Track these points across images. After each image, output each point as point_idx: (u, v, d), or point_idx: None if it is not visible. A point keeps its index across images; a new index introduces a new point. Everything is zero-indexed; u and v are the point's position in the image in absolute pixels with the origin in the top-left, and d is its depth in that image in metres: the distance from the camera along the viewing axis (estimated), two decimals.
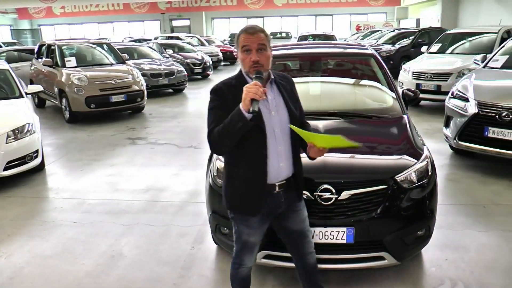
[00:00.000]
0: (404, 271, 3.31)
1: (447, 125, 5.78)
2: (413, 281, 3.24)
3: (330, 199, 2.80)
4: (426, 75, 8.91)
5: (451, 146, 5.95)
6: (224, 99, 2.23)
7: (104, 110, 8.78)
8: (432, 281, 3.23)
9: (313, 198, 2.82)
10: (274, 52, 4.77)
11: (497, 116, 4.98)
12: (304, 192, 2.82)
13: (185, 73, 12.56)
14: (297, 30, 30.73)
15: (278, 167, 2.28)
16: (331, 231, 2.83)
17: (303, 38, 20.29)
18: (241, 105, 2.05)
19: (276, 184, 2.30)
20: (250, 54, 2.17)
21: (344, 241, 2.85)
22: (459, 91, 5.66)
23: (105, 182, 5.43)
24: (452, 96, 5.77)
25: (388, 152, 3.24)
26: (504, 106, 4.97)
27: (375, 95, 4.17)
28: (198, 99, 11.92)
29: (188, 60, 14.95)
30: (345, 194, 2.81)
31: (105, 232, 4.12)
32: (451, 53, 9.95)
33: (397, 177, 2.92)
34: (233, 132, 2.11)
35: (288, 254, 2.92)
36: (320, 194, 2.80)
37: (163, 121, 8.93)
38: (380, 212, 2.86)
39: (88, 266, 3.53)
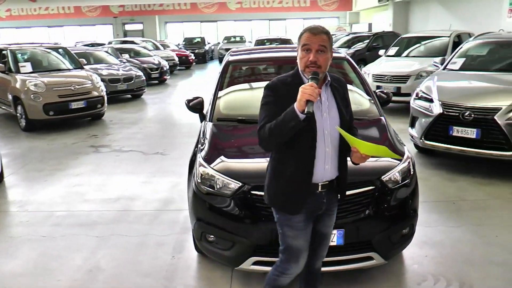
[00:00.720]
0: (388, 269, 3.37)
1: (412, 125, 5.97)
2: (398, 279, 3.31)
3: None
4: (386, 77, 9.18)
5: (416, 145, 6.15)
6: (278, 95, 2.21)
7: (64, 117, 8.41)
8: (415, 278, 3.31)
9: None
10: (243, 56, 4.80)
11: (460, 116, 5.19)
12: None
13: (144, 78, 12.32)
14: (251, 35, 30.87)
15: (324, 168, 2.27)
16: None
17: (260, 42, 20.35)
18: (295, 105, 2.04)
19: (320, 184, 2.29)
20: (309, 53, 2.15)
21: (334, 243, 2.86)
22: (423, 92, 5.87)
23: (72, 192, 5.19)
24: (416, 97, 5.97)
25: None
26: (466, 106, 5.20)
27: (351, 98, 4.21)
28: (157, 104, 11.72)
29: (145, 65, 14.67)
30: None
31: (78, 245, 3.92)
32: (407, 56, 10.33)
33: (383, 178, 2.98)
34: (285, 131, 2.10)
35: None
36: None
37: (125, 128, 8.68)
38: (369, 213, 2.90)
39: (65, 282, 3.35)
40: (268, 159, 3.25)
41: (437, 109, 5.45)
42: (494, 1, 12.39)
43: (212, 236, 3.10)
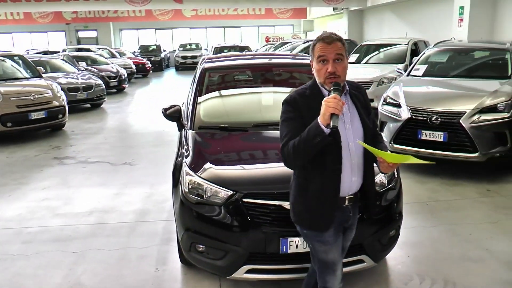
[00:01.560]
0: (375, 271, 3.44)
1: (381, 129, 6.13)
2: (386, 281, 3.38)
3: None
4: None
5: None
6: (298, 110, 2.13)
7: (23, 128, 8.02)
8: (402, 278, 3.40)
9: None
10: (219, 63, 4.78)
11: (428, 120, 5.40)
12: (285, 202, 2.82)
13: (103, 86, 11.99)
14: (206, 42, 30.88)
15: (351, 181, 2.20)
16: None
17: (218, 50, 20.31)
18: (319, 119, 1.96)
19: (346, 197, 2.23)
20: (327, 64, 2.07)
21: None
22: (391, 98, 6.05)
23: (41, 207, 4.95)
24: (384, 103, 6.15)
25: None
26: (433, 110, 5.42)
27: None
28: (119, 113, 11.44)
29: (103, 73, 14.25)
30: None
31: (55, 262, 3.74)
32: (366, 63, 10.63)
33: None
34: (310, 147, 2.01)
35: (273, 266, 2.91)
36: None
37: (88, 138, 8.40)
38: (360, 216, 2.93)
39: None
40: (258, 165, 3.27)
41: (405, 114, 5.64)
42: (445, 11, 13.02)
43: (202, 246, 3.04)
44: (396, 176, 3.27)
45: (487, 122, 5.25)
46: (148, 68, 21.35)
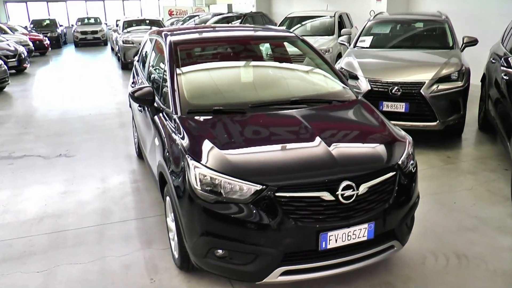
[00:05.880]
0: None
1: None
2: (403, 262, 3.25)
3: (352, 196, 2.56)
4: None
5: None
6: None
7: None
8: (417, 257, 3.29)
9: (334, 198, 2.53)
10: (187, 37, 4.19)
11: (389, 91, 5.39)
12: (323, 193, 2.52)
13: (5, 67, 10.44)
14: (105, 16, 28.85)
15: None
16: (354, 230, 2.60)
17: (127, 24, 18.89)
18: None
19: None
20: None
21: (365, 238, 2.66)
22: (346, 70, 5.93)
23: None
24: None
25: (380, 138, 3.07)
26: (393, 81, 5.41)
27: (321, 79, 3.99)
28: (28, 98, 10.11)
29: None
30: (363, 188, 2.61)
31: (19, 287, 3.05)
32: None
33: (399, 162, 2.85)
34: None
35: (310, 265, 2.61)
36: (342, 192, 2.53)
37: (1, 128, 7.22)
38: (393, 201, 2.74)
39: None
40: (279, 151, 2.84)
41: (365, 85, 5.58)
42: None
43: (222, 250, 2.63)
44: (413, 155, 3.10)
45: (445, 91, 5.38)
46: (46, 45, 19.22)
